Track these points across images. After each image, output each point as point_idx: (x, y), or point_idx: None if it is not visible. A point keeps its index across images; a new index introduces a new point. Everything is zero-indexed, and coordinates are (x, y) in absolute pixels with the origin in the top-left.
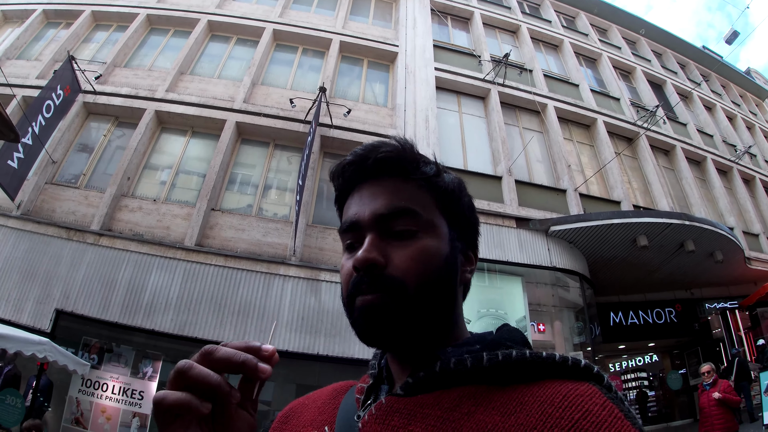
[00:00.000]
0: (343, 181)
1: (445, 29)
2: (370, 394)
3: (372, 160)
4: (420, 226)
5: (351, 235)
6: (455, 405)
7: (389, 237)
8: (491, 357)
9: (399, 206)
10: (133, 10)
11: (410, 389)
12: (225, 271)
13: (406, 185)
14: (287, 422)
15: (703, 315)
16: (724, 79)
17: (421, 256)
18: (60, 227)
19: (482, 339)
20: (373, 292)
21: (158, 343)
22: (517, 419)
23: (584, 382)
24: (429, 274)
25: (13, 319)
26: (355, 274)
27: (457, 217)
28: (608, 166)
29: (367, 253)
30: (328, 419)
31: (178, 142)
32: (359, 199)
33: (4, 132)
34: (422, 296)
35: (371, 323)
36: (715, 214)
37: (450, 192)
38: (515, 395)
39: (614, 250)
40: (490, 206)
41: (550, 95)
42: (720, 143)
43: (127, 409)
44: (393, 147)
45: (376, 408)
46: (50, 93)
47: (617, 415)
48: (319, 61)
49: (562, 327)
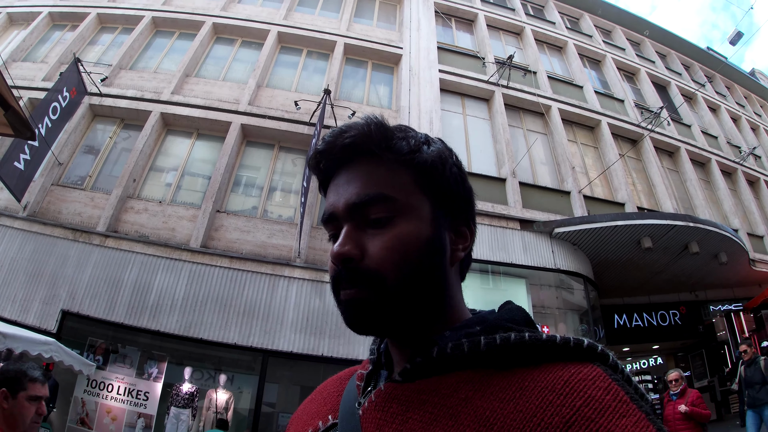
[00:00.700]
0: (318, 171)
1: (449, 31)
2: (371, 381)
3: (339, 147)
4: (396, 210)
5: (331, 227)
6: (453, 391)
7: (366, 225)
8: (489, 341)
9: (370, 193)
10: (139, 12)
11: (408, 375)
12: (230, 273)
13: (378, 168)
14: (299, 419)
15: (708, 317)
16: (728, 80)
17: (397, 244)
18: (66, 228)
19: (483, 320)
20: (352, 286)
21: (164, 344)
22: (516, 406)
23: (588, 363)
24: (407, 261)
25: (20, 319)
26: (336, 268)
27: (441, 192)
28: (612, 167)
29: (341, 246)
30: (332, 408)
31: (184, 144)
32: (335, 188)
33: (20, 130)
34: (402, 286)
35: (355, 316)
36: (719, 216)
37: (430, 167)
38: (515, 380)
39: (618, 251)
40: (494, 208)
41: (554, 97)
42: (724, 144)
43: (132, 410)
44: (358, 130)
45: (375, 395)
46: (56, 95)
47: (622, 399)
48: (323, 63)
49: (567, 329)
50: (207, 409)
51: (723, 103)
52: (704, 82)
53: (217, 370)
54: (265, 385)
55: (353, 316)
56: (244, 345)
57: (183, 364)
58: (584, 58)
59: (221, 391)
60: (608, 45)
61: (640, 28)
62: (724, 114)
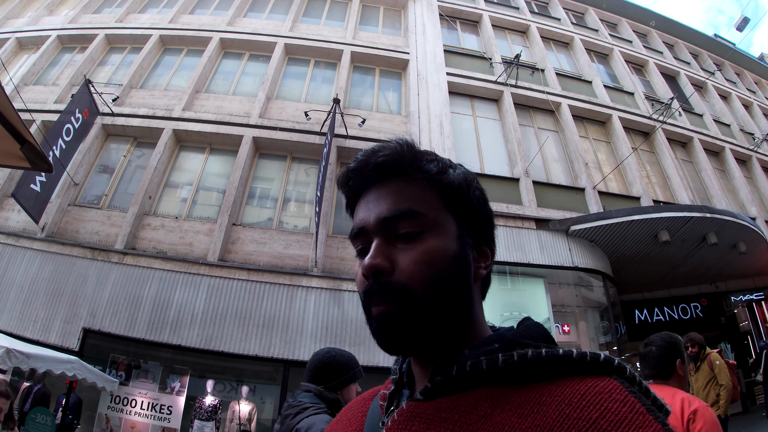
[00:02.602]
0: (348, 189)
1: (455, 33)
2: (393, 400)
3: (371, 165)
4: (424, 226)
5: (360, 241)
6: (472, 408)
7: (396, 240)
8: (506, 358)
9: (401, 209)
10: (146, 31)
11: (429, 394)
12: (248, 285)
13: (408, 186)
14: None
15: (729, 308)
16: (738, 67)
17: (426, 258)
18: (84, 248)
19: (501, 337)
20: (383, 302)
21: (185, 357)
22: (534, 420)
23: (605, 376)
24: (436, 274)
25: (42, 339)
26: (366, 282)
27: (466, 212)
28: (626, 161)
29: (372, 259)
30: (357, 428)
31: (197, 159)
32: (365, 204)
33: (37, 163)
34: (431, 300)
35: (386, 333)
36: (736, 205)
37: (456, 188)
38: (532, 395)
39: (636, 246)
40: (509, 208)
41: (564, 93)
42: (737, 132)
43: (156, 424)
44: (391, 150)
45: (398, 414)
46: (69, 117)
47: (638, 411)
48: (331, 72)
49: (587, 327)
50: (230, 420)
51: (734, 90)
52: (714, 70)
53: (239, 381)
54: (287, 395)
55: (384, 331)
56: (265, 356)
57: (205, 377)
58: (591, 52)
59: (244, 402)
60: (615, 38)
61: (645, 19)
62: (735, 101)
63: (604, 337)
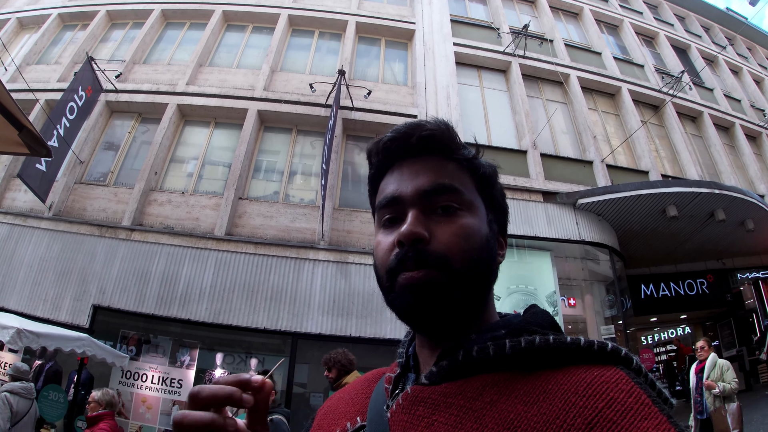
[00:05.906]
0: (383, 157)
1: (462, 3)
2: (398, 383)
3: (416, 137)
4: (462, 204)
5: (391, 210)
6: (478, 394)
7: (432, 213)
8: (513, 344)
9: (443, 183)
10: (148, 6)
11: (434, 378)
12: (256, 259)
13: (447, 164)
14: (325, 418)
15: (736, 285)
16: (749, 42)
17: (464, 232)
18: (92, 225)
19: (508, 323)
20: (419, 267)
21: (194, 331)
22: (540, 408)
23: (611, 366)
24: (472, 250)
25: (52, 317)
26: (398, 249)
27: (492, 200)
28: (635, 135)
29: (413, 227)
30: (360, 409)
31: (202, 133)
32: (399, 175)
33: (36, 148)
34: (467, 272)
35: (420, 299)
36: (745, 182)
37: (488, 176)
38: (539, 383)
39: (644, 221)
40: (516, 181)
41: (573, 65)
42: (748, 108)
43: (167, 398)
44: (437, 126)
45: (402, 398)
46: (72, 95)
47: (644, 402)
48: (336, 43)
49: (593, 301)
50: None
51: (745, 65)
52: (725, 44)
53: (247, 354)
54: (295, 367)
55: (418, 298)
56: (273, 329)
57: (214, 351)
58: (601, 23)
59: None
60: (625, 9)
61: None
62: (746, 76)
63: (610, 310)
